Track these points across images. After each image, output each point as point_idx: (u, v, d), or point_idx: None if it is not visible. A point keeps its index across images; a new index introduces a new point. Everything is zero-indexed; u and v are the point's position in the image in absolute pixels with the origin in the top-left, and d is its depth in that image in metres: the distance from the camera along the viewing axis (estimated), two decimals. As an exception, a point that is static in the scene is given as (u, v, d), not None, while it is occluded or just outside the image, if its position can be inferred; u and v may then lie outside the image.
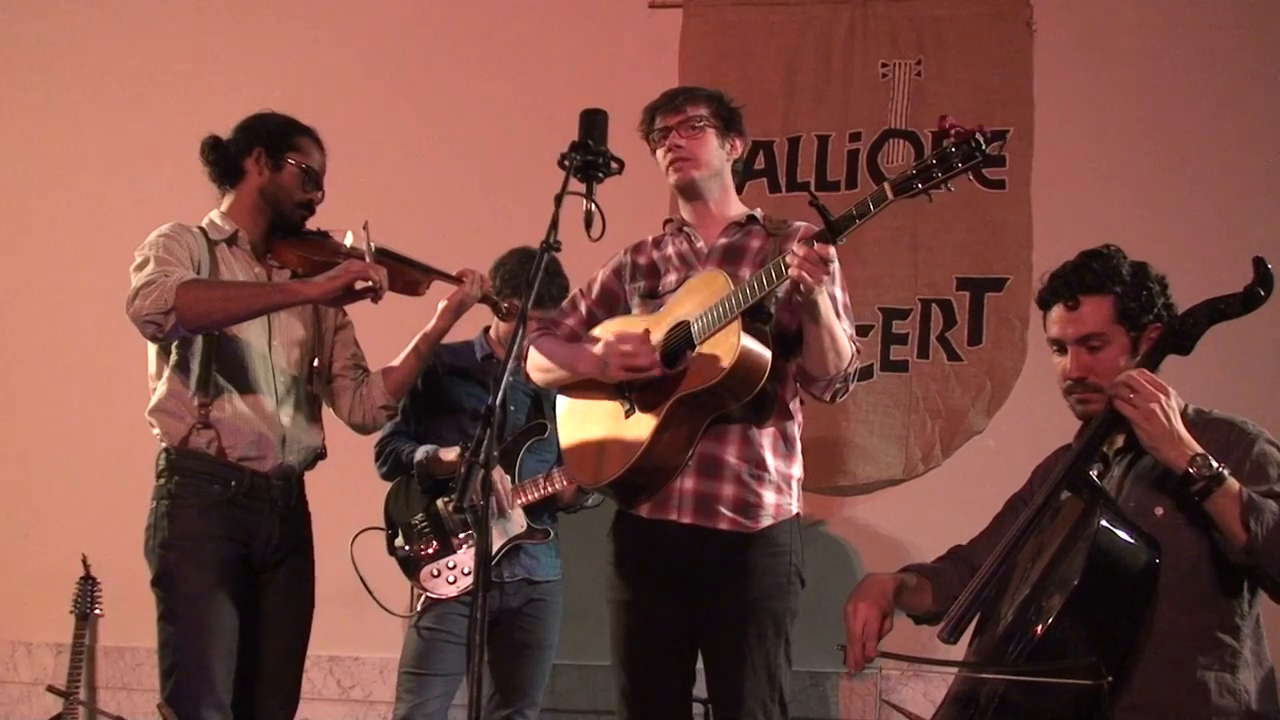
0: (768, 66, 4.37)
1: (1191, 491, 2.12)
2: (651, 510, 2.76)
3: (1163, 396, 2.15)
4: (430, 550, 3.51)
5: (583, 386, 2.89)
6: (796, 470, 2.82)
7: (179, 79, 4.65)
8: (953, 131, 2.36)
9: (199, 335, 2.84)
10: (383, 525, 3.59)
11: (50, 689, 4.07)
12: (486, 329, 3.74)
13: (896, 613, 2.58)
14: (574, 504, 3.65)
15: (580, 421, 2.91)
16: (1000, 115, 4.20)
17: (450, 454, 3.48)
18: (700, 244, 2.89)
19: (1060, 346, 2.38)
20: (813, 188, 4.23)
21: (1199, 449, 2.12)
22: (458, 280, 3.11)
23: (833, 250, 2.50)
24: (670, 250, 2.93)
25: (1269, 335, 3.59)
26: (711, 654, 2.77)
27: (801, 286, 2.50)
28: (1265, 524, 2.07)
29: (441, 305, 3.13)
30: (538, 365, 2.97)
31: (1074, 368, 2.34)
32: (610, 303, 2.99)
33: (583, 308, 3.02)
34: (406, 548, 3.53)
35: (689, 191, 2.90)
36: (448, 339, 3.47)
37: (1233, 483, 2.10)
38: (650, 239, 3.01)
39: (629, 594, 2.82)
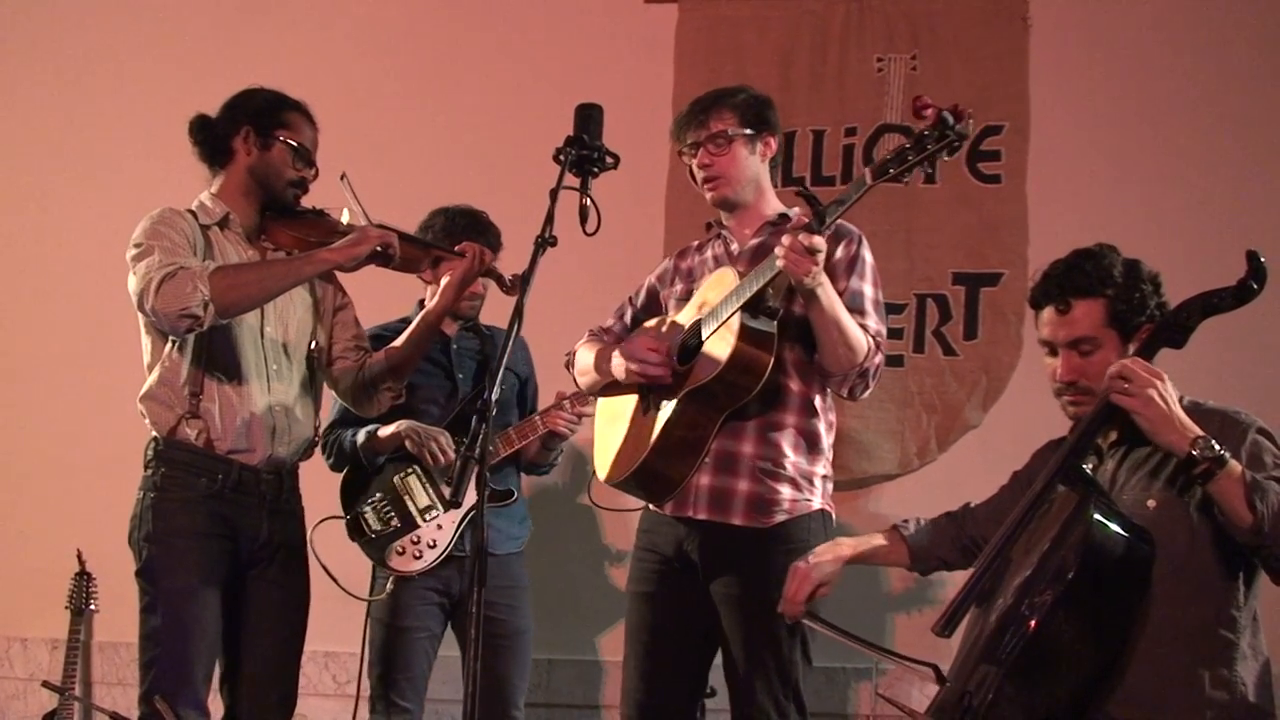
0: (763, 62, 4.37)
1: (1194, 474, 2.12)
2: (674, 508, 2.79)
3: (1159, 382, 2.15)
4: (393, 528, 3.41)
5: (616, 389, 2.93)
6: (820, 468, 2.82)
7: (173, 66, 4.63)
8: (926, 112, 2.36)
9: None
10: (340, 514, 3.46)
11: (45, 684, 4.06)
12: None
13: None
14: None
15: (609, 421, 2.95)
16: (996, 110, 4.21)
17: (386, 430, 3.41)
18: (735, 246, 2.91)
19: (1051, 348, 2.38)
20: (808, 182, 4.24)
21: (1200, 431, 2.13)
22: (458, 255, 3.05)
23: (819, 240, 2.49)
24: (709, 254, 2.96)
25: (1262, 328, 3.60)
26: (727, 650, 2.78)
27: (791, 278, 2.52)
28: (1270, 504, 2.07)
29: (444, 281, 3.07)
30: (579, 370, 3.02)
31: (1065, 371, 2.34)
32: (654, 308, 3.03)
33: (628, 314, 3.07)
34: (368, 529, 3.43)
35: (724, 205, 2.92)
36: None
37: (1235, 465, 2.11)
38: (695, 244, 3.04)
39: (648, 586, 2.85)
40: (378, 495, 3.46)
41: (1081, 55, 4.27)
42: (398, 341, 3.10)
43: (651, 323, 2.96)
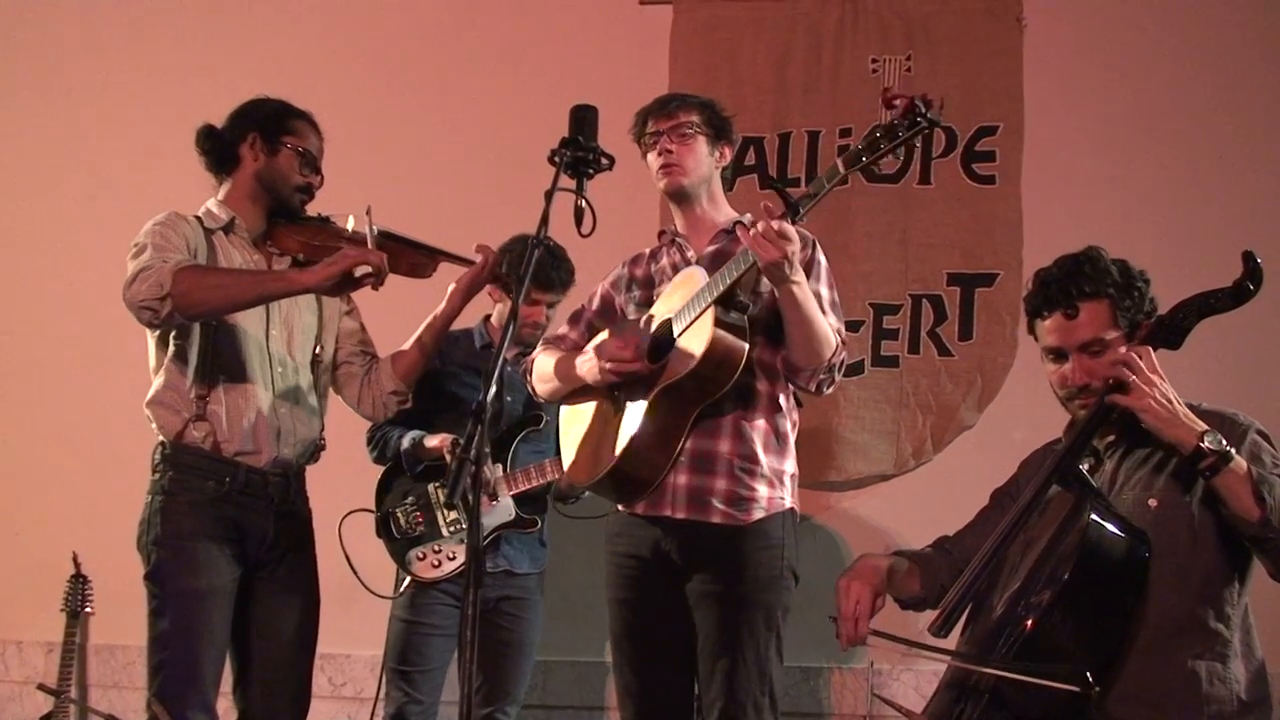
0: (758, 62, 4.37)
1: (1201, 468, 2.12)
2: (647, 508, 2.78)
3: (1159, 380, 2.16)
4: (418, 534, 3.54)
5: (580, 393, 2.93)
6: (789, 466, 2.84)
7: (178, 71, 4.63)
8: (896, 102, 2.38)
9: (196, 323, 2.82)
10: (371, 508, 3.60)
11: (41, 687, 4.06)
12: (486, 317, 3.75)
13: (895, 606, 2.59)
14: (569, 494, 3.65)
15: (577, 426, 2.95)
16: (990, 110, 4.21)
17: (434, 440, 3.51)
18: (691, 253, 2.92)
19: (1059, 354, 2.35)
20: (803, 184, 4.25)
21: (1205, 425, 2.14)
22: (467, 261, 3.04)
23: (789, 226, 2.50)
24: (664, 262, 2.97)
25: (1259, 329, 3.60)
26: (703, 646, 2.77)
27: (759, 263, 2.52)
28: (1278, 498, 2.09)
29: (451, 287, 3.07)
30: (540, 378, 3.01)
31: (1079, 375, 2.31)
32: (610, 314, 3.03)
33: (584, 321, 3.06)
34: (395, 530, 3.55)
35: (677, 197, 2.93)
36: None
37: (1240, 460, 2.12)
38: (647, 251, 3.04)
39: (628, 592, 2.84)
40: (410, 500, 3.57)
41: (1076, 55, 4.27)
42: (405, 346, 3.12)
43: (616, 326, 2.93)
